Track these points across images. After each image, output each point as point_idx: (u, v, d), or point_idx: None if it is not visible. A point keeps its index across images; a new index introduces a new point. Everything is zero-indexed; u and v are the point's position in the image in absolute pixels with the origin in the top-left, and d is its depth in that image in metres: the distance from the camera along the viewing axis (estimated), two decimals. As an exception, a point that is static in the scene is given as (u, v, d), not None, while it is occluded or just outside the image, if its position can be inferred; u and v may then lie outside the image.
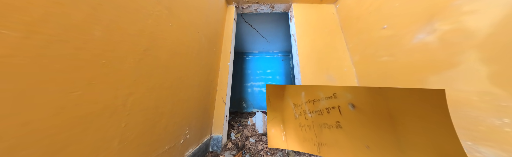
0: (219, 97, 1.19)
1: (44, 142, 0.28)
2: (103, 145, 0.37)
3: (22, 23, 0.25)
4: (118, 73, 0.41)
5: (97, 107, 0.36)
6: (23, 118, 0.25)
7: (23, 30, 0.26)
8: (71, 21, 0.32)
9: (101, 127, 0.37)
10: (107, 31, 0.39)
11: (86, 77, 0.34)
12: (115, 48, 0.41)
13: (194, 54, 0.84)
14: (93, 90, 0.35)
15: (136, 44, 0.47)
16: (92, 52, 0.35)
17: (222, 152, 1.03)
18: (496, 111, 0.45)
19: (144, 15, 0.50)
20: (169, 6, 0.63)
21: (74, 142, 0.32)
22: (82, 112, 0.33)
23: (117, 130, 0.41)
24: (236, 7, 1.51)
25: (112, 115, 0.39)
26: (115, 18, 0.41)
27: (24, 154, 0.25)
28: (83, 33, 0.34)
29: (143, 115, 0.49)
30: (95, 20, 0.36)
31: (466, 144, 0.49)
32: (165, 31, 0.61)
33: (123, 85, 0.42)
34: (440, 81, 0.59)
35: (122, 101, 0.42)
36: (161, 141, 0.58)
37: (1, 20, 0.23)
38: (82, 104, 0.33)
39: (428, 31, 0.64)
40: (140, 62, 0.48)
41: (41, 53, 0.28)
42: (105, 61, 0.38)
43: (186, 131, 0.76)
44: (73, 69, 0.32)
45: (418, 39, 0.68)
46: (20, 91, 0.25)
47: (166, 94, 0.60)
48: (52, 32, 0.29)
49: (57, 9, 0.30)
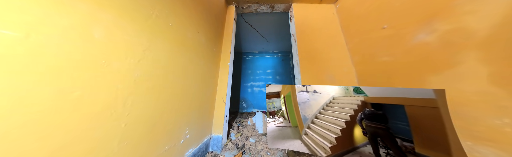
0: (219, 97, 1.19)
1: (43, 142, 0.28)
2: (102, 145, 0.37)
3: (22, 22, 0.25)
4: (118, 73, 0.41)
5: (97, 107, 0.36)
6: (22, 118, 0.25)
7: (23, 30, 0.26)
8: (71, 21, 0.32)
9: (101, 127, 0.37)
10: (107, 31, 0.39)
11: (86, 77, 0.34)
12: (115, 48, 0.41)
13: (194, 54, 0.84)
14: (93, 90, 0.35)
15: (136, 44, 0.47)
16: (91, 52, 0.35)
17: (222, 152, 1.03)
18: (496, 111, 0.45)
19: (143, 15, 0.50)
20: (169, 6, 0.63)
21: (74, 142, 0.32)
22: (82, 112, 0.33)
23: (117, 130, 0.41)
24: (236, 7, 1.51)
25: (112, 115, 0.39)
26: (115, 18, 0.41)
27: (24, 152, 0.25)
28: (82, 33, 0.34)
29: (143, 115, 0.49)
30: (95, 20, 0.36)
31: (466, 144, 0.49)
32: (165, 31, 0.61)
33: (123, 85, 0.43)
34: (440, 81, 0.59)
35: (122, 101, 0.42)
36: (161, 141, 0.58)
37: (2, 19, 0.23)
38: (82, 104, 0.33)
39: (428, 31, 0.64)
40: (139, 62, 0.48)
41: (40, 52, 0.28)
42: (104, 61, 0.38)
43: (186, 131, 0.76)
44: (72, 69, 0.32)
45: (418, 39, 0.68)
46: (18, 91, 0.25)
47: (165, 94, 0.60)
48: (52, 32, 0.29)
49: (56, 8, 0.30)
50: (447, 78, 0.56)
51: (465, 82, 0.51)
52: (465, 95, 0.51)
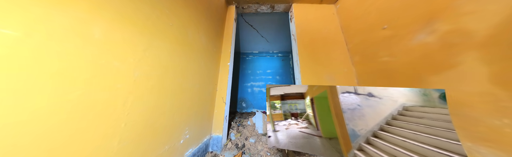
0: (219, 97, 1.19)
1: (44, 141, 0.28)
2: (103, 145, 0.37)
3: (23, 22, 0.25)
4: (118, 73, 0.41)
5: (97, 107, 0.36)
6: (22, 117, 0.25)
7: (24, 29, 0.26)
8: (71, 20, 0.32)
9: (101, 126, 0.37)
10: (107, 31, 0.39)
11: (86, 77, 0.34)
12: (115, 48, 0.41)
13: (194, 54, 0.84)
14: (93, 90, 0.35)
15: (136, 44, 0.47)
16: (91, 52, 0.35)
17: (222, 152, 1.03)
18: (496, 111, 0.45)
19: (144, 15, 0.50)
20: (169, 6, 0.63)
21: (75, 141, 0.32)
22: (82, 112, 0.33)
23: (117, 129, 0.41)
24: (236, 7, 1.51)
25: (111, 114, 0.39)
26: (115, 17, 0.41)
27: (24, 152, 0.25)
28: (83, 33, 0.34)
29: (143, 115, 0.49)
30: (95, 19, 0.36)
31: (466, 145, 0.49)
32: (165, 31, 0.61)
33: (123, 85, 0.42)
34: (440, 81, 0.59)
35: (122, 101, 0.42)
36: (161, 141, 0.58)
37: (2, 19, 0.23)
38: (82, 104, 0.33)
39: (428, 31, 0.64)
40: (140, 62, 0.48)
41: (41, 52, 0.28)
42: (104, 61, 0.38)
43: (186, 131, 0.76)
44: (72, 69, 0.32)
45: (419, 39, 0.68)
46: (18, 91, 0.25)
47: (165, 94, 0.60)
48: (53, 31, 0.29)
49: (56, 7, 0.30)
50: (448, 78, 0.56)
51: (465, 83, 0.51)
52: (465, 96, 0.51)
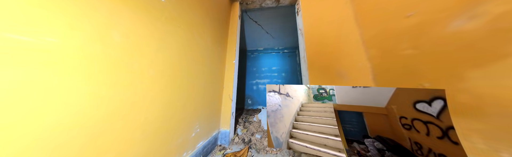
0: (226, 94, 1.23)
1: (85, 131, 0.33)
2: (129, 135, 0.42)
3: (60, 30, 0.29)
4: (135, 73, 0.46)
5: (121, 103, 0.41)
6: (67, 112, 0.30)
7: (62, 36, 0.30)
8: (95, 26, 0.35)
9: (126, 120, 0.42)
10: (124, 34, 0.42)
11: (110, 77, 0.38)
12: (131, 50, 0.44)
13: (201, 53, 0.87)
14: (116, 88, 0.40)
15: (149, 46, 0.51)
16: (113, 54, 0.39)
17: (229, 145, 1.09)
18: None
19: (155, 18, 0.53)
20: (177, 7, 0.65)
21: (108, 132, 0.37)
22: (109, 107, 0.38)
23: (138, 122, 0.46)
24: (240, 3, 1.49)
25: (134, 109, 0.44)
26: (130, 21, 0.44)
27: (71, 137, 0.30)
28: (104, 37, 0.37)
29: (160, 110, 0.54)
30: (113, 24, 0.39)
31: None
32: (174, 32, 0.64)
33: (141, 83, 0.47)
34: (483, 76, 0.47)
35: (141, 97, 0.47)
36: (175, 134, 0.63)
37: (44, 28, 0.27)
38: (108, 100, 0.38)
39: (470, 15, 0.50)
40: (153, 62, 0.52)
41: (74, 56, 0.32)
42: (124, 62, 0.42)
43: (197, 126, 0.81)
44: (98, 70, 0.36)
45: (455, 26, 0.54)
46: (61, 91, 0.30)
47: (177, 92, 0.65)
48: (82, 37, 0.33)
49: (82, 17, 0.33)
50: (493, 73, 0.45)
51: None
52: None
